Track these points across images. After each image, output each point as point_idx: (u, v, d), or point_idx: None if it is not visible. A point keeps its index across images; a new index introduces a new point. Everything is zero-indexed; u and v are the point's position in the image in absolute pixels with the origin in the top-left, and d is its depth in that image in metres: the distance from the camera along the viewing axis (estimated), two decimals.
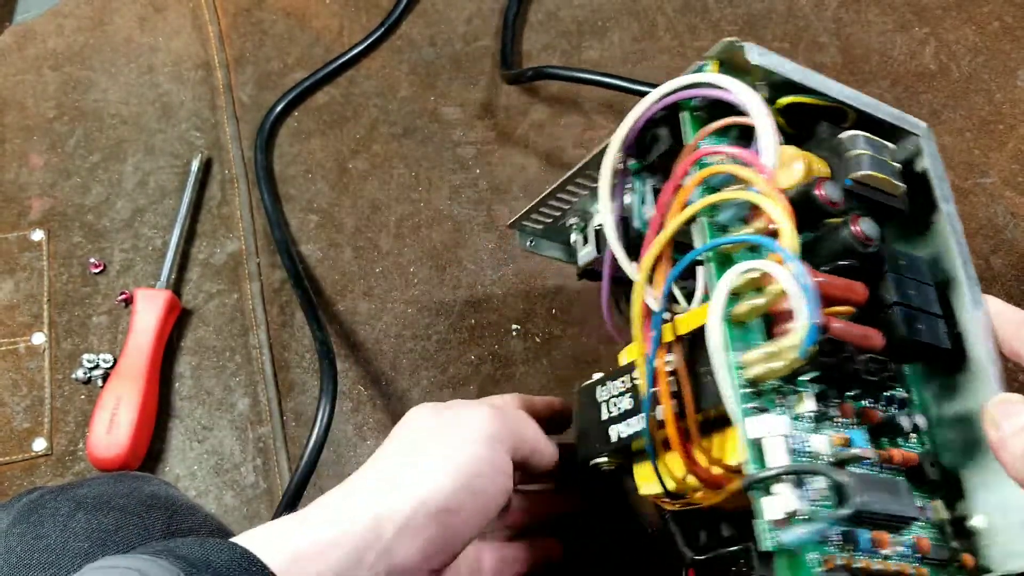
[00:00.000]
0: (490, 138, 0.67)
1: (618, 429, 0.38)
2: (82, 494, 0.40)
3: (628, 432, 0.38)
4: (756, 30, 0.70)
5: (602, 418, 0.39)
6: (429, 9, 0.73)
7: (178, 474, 0.57)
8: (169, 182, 0.66)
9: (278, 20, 0.73)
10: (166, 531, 0.38)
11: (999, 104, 0.66)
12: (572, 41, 0.71)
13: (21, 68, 0.72)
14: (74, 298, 0.62)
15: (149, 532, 0.38)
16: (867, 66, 0.68)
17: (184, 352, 0.60)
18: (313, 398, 0.58)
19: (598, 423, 0.40)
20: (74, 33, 0.73)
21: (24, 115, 0.69)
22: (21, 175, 0.67)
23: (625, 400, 0.39)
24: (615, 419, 0.39)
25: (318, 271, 0.63)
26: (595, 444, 0.40)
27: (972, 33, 0.69)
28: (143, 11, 0.74)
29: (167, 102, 0.70)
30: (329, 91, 0.70)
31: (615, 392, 0.39)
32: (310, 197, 0.65)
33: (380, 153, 0.67)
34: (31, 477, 0.57)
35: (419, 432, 0.37)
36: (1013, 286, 0.59)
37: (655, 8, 0.72)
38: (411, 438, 0.37)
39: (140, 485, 0.42)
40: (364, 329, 0.60)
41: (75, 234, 0.64)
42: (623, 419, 0.38)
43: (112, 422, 0.55)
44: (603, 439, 0.39)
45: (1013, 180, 0.64)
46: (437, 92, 0.69)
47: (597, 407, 0.40)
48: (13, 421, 0.58)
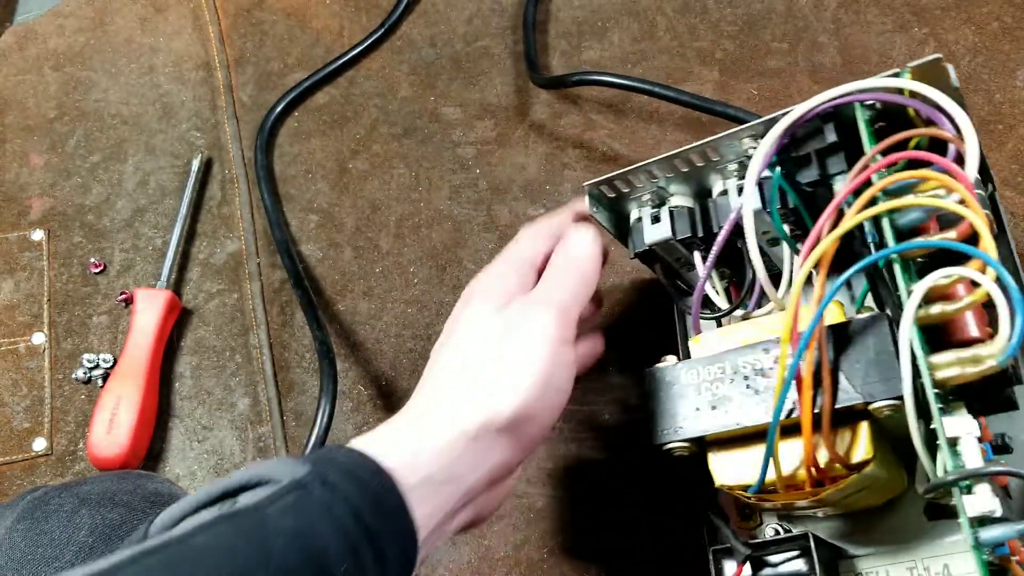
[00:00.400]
0: (490, 138, 0.67)
1: (717, 414, 0.39)
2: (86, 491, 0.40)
3: (733, 421, 0.38)
4: (756, 30, 0.70)
5: (692, 401, 0.40)
6: (429, 9, 0.74)
7: (178, 473, 0.57)
8: (169, 182, 0.66)
9: (278, 20, 0.73)
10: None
11: (998, 104, 0.66)
12: (572, 41, 0.71)
13: (22, 68, 0.72)
14: (74, 298, 0.62)
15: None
16: (866, 66, 0.68)
17: (184, 352, 0.60)
18: (313, 398, 0.58)
19: (683, 407, 0.40)
20: (75, 33, 0.73)
21: (25, 115, 0.69)
22: (21, 175, 0.67)
23: (724, 387, 0.39)
24: (711, 404, 0.39)
25: (318, 271, 0.63)
26: (678, 427, 0.40)
27: (971, 33, 0.69)
28: (144, 11, 0.74)
29: (168, 102, 0.70)
30: (329, 91, 0.70)
31: (711, 377, 0.40)
32: (310, 197, 0.65)
33: (380, 153, 0.67)
34: (31, 477, 0.57)
35: (491, 336, 0.39)
36: None
37: (655, 8, 0.72)
38: (481, 342, 0.39)
39: (143, 483, 0.42)
40: (364, 329, 0.60)
41: (75, 234, 0.64)
42: (725, 405, 0.39)
43: (112, 422, 0.55)
44: (692, 423, 0.39)
45: (1012, 180, 0.64)
46: (437, 92, 0.69)
47: (684, 390, 0.40)
48: (13, 421, 0.58)
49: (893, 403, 0.35)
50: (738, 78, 0.68)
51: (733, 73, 0.68)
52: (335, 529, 0.31)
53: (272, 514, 0.31)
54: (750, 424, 0.38)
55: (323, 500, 0.31)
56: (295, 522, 0.31)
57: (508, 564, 0.53)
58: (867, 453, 0.36)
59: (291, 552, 0.30)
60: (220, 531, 0.30)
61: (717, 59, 0.69)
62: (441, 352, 0.40)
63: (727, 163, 0.45)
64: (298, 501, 0.31)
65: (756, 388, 0.39)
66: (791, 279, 0.42)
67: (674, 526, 0.52)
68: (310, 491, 0.31)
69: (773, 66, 0.69)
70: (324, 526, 0.31)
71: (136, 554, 0.28)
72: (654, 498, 0.53)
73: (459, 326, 0.40)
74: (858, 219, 0.36)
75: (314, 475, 0.32)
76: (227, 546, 0.29)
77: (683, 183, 0.47)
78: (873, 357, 0.36)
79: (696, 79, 0.68)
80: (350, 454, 0.34)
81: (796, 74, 0.68)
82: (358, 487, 0.32)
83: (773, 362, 0.38)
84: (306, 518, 0.31)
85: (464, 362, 0.38)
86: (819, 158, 0.41)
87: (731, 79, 0.68)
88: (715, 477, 0.40)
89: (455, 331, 0.40)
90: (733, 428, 0.39)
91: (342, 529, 0.31)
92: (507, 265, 0.43)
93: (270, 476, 0.32)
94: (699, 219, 0.47)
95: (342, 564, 0.31)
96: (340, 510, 0.31)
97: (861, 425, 0.37)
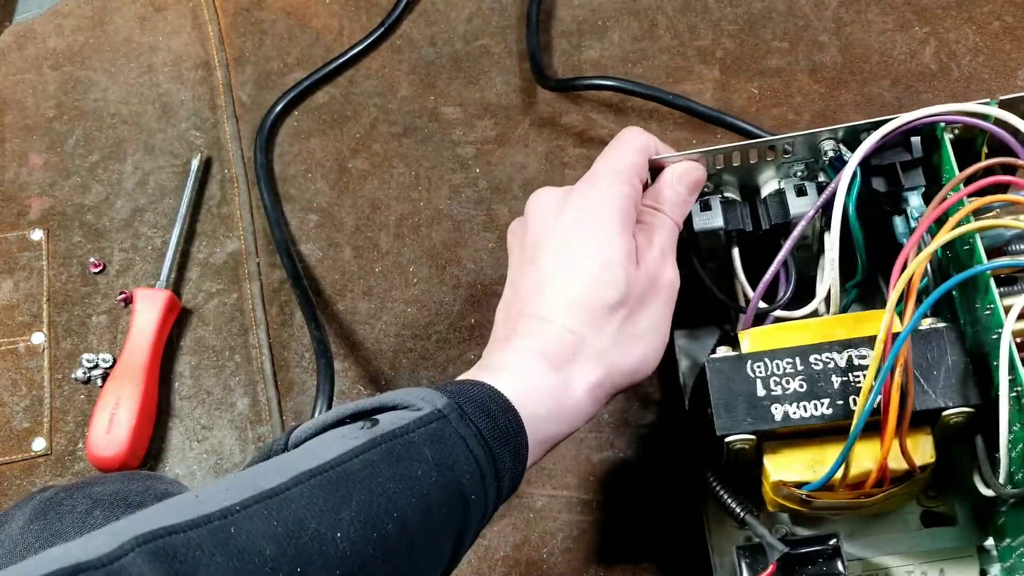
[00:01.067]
0: (490, 138, 0.67)
1: (787, 409, 0.39)
2: (98, 492, 0.40)
3: (808, 415, 0.39)
4: (756, 30, 0.70)
5: (758, 394, 0.40)
6: (429, 9, 0.73)
7: (178, 473, 0.57)
8: (169, 182, 0.66)
9: (278, 20, 0.73)
10: None
11: None
12: (572, 41, 0.71)
13: (21, 68, 0.72)
14: (74, 298, 0.62)
15: None
16: (867, 66, 0.68)
17: (184, 352, 0.60)
18: (312, 398, 0.58)
19: (751, 399, 0.40)
20: (74, 33, 0.73)
21: (24, 115, 0.69)
22: (21, 175, 0.67)
23: (796, 382, 0.39)
24: (780, 398, 0.39)
25: (318, 271, 0.63)
26: (745, 420, 0.39)
27: (972, 33, 0.69)
28: (143, 11, 0.74)
29: (167, 102, 0.70)
30: (329, 91, 0.70)
31: (780, 372, 0.40)
32: (310, 197, 0.65)
33: (380, 153, 0.67)
34: (31, 477, 0.57)
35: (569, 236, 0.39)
36: None
37: (655, 8, 0.72)
38: (562, 244, 0.39)
39: (154, 484, 0.42)
40: (364, 329, 0.60)
41: (75, 234, 0.64)
42: (795, 400, 0.39)
43: (112, 422, 0.55)
44: (759, 416, 0.39)
45: None
46: (437, 92, 0.69)
47: (749, 383, 0.40)
48: (12, 421, 0.58)
49: (966, 411, 0.38)
50: (738, 77, 0.68)
51: (733, 72, 0.68)
52: (470, 461, 0.33)
53: (417, 441, 0.32)
54: (826, 421, 0.39)
55: (461, 432, 0.33)
56: (437, 452, 0.32)
57: (508, 564, 0.53)
58: (931, 457, 0.38)
59: (433, 481, 0.31)
60: (372, 458, 0.31)
61: (718, 58, 0.69)
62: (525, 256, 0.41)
63: (794, 162, 0.46)
64: (439, 431, 0.33)
65: (829, 386, 0.39)
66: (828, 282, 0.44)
67: (674, 526, 0.52)
68: (449, 421, 0.33)
69: (774, 65, 0.68)
70: (461, 458, 0.33)
71: (299, 475, 0.29)
72: (654, 498, 0.53)
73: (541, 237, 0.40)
74: (955, 234, 0.38)
75: (452, 407, 0.33)
76: (379, 472, 0.31)
77: (732, 176, 0.47)
78: (949, 366, 0.38)
79: (696, 78, 0.68)
80: (483, 388, 0.35)
81: (797, 73, 0.68)
82: (490, 421, 0.34)
83: (845, 362, 0.39)
84: (447, 449, 0.32)
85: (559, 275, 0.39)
86: (900, 170, 0.43)
87: (731, 78, 0.68)
88: (770, 473, 0.40)
89: (536, 241, 0.40)
90: (807, 423, 0.39)
91: (477, 462, 0.33)
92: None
93: (410, 402, 0.34)
94: (747, 214, 0.47)
95: (472, 494, 0.33)
96: (474, 443, 0.33)
97: (925, 430, 0.39)
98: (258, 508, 0.28)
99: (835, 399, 0.39)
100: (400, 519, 0.30)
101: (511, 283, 0.41)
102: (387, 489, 0.30)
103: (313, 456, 0.31)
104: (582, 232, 0.39)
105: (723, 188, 0.47)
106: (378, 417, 0.33)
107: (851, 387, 0.39)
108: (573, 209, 0.40)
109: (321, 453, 0.31)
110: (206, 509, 0.27)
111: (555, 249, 0.39)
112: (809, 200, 0.45)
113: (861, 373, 0.39)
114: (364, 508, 0.30)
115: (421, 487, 0.31)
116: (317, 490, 0.29)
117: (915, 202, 0.43)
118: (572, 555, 0.53)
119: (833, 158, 0.44)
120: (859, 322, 0.41)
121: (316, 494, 0.29)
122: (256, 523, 0.27)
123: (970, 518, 0.46)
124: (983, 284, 0.39)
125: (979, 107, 0.41)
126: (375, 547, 0.29)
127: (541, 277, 0.39)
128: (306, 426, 0.35)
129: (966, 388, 0.38)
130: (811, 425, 0.39)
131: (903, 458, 0.38)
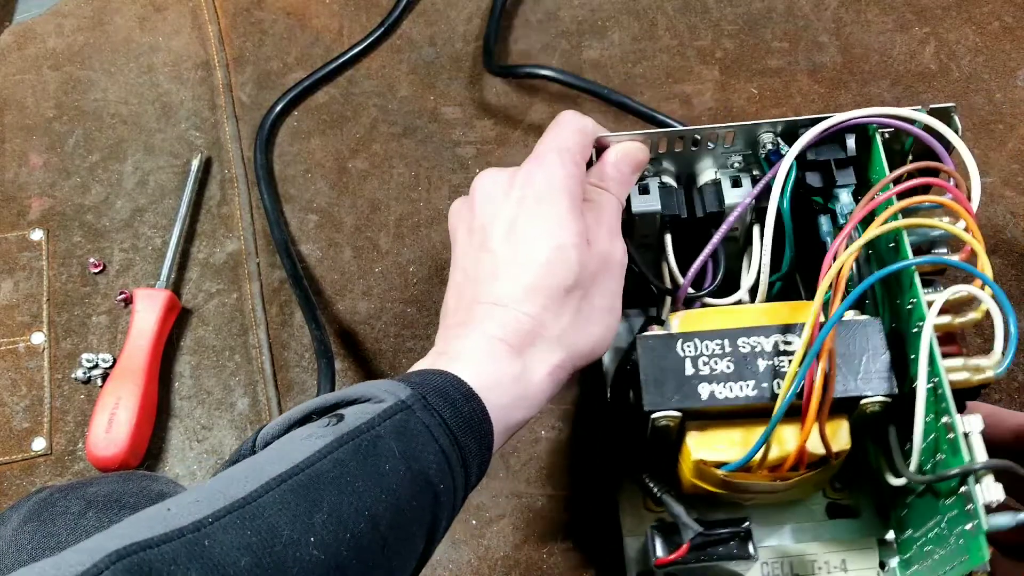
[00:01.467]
0: (490, 138, 0.67)
1: (713, 389, 0.40)
2: (92, 492, 0.40)
3: (733, 395, 0.40)
4: (756, 30, 0.70)
5: (687, 373, 0.40)
6: (429, 9, 0.73)
7: (178, 473, 0.57)
8: (169, 182, 0.66)
9: (278, 20, 0.73)
10: None
11: (999, 104, 0.66)
12: (572, 41, 0.71)
13: (21, 68, 0.72)
14: (73, 298, 0.62)
15: None
16: (867, 66, 0.68)
17: (184, 352, 0.60)
18: (312, 398, 0.58)
19: (679, 377, 0.40)
20: (74, 33, 0.73)
21: (24, 115, 0.69)
22: (20, 175, 0.67)
23: (724, 363, 0.40)
24: (707, 378, 0.40)
25: (317, 271, 0.63)
26: (672, 397, 0.40)
27: (972, 33, 0.69)
28: (143, 11, 0.74)
29: (167, 102, 0.70)
30: (329, 91, 0.70)
31: (708, 352, 0.41)
32: (310, 197, 0.65)
33: (380, 153, 0.67)
34: (30, 477, 0.57)
35: (520, 219, 0.39)
36: (1013, 285, 0.59)
37: (655, 7, 0.72)
38: (513, 227, 0.39)
39: (149, 484, 0.42)
40: (364, 329, 0.60)
41: (75, 234, 0.64)
42: (722, 381, 0.40)
43: (111, 422, 0.55)
44: (687, 394, 0.40)
45: (1013, 180, 0.64)
46: (437, 92, 0.69)
47: (678, 361, 0.41)
48: (12, 421, 0.58)
49: (884, 399, 0.39)
50: (738, 77, 0.68)
51: (733, 72, 0.68)
52: (436, 451, 0.33)
53: (383, 435, 0.32)
54: (751, 402, 0.40)
55: (425, 422, 0.33)
56: (404, 445, 0.32)
57: (508, 564, 0.53)
58: (847, 444, 0.40)
59: (401, 475, 0.32)
60: (340, 457, 0.31)
61: (717, 58, 0.69)
62: (472, 238, 0.40)
63: (732, 152, 0.47)
64: (403, 422, 0.33)
65: (755, 369, 0.40)
66: (759, 271, 0.46)
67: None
68: (414, 411, 0.33)
69: (773, 65, 0.68)
70: (427, 448, 0.33)
71: (270, 481, 0.29)
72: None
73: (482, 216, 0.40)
74: (882, 230, 0.40)
75: (416, 397, 0.33)
76: (348, 471, 0.31)
77: (671, 163, 0.48)
78: (871, 356, 0.40)
79: (696, 78, 0.68)
80: (445, 377, 0.35)
81: (796, 73, 0.68)
82: (454, 410, 0.34)
83: (772, 347, 0.41)
84: (412, 440, 0.32)
85: (512, 259, 0.38)
86: (834, 167, 0.45)
87: (731, 78, 0.68)
88: (692, 452, 0.41)
89: (478, 222, 0.40)
90: (732, 404, 0.40)
91: (443, 451, 0.33)
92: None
93: (374, 394, 0.34)
94: (683, 201, 0.48)
95: (440, 483, 0.33)
96: (439, 432, 0.33)
97: (843, 418, 0.41)
98: (231, 519, 0.28)
99: (760, 382, 0.40)
100: (372, 517, 0.30)
101: (460, 268, 0.41)
102: (357, 488, 0.30)
103: (282, 459, 0.31)
104: (533, 214, 0.39)
105: (661, 174, 0.48)
106: (343, 412, 0.33)
107: (776, 371, 0.40)
108: (520, 190, 0.40)
109: (290, 455, 0.31)
110: (179, 522, 0.27)
111: (506, 232, 0.39)
112: (744, 192, 0.47)
113: (787, 358, 0.40)
114: (336, 510, 0.30)
115: (390, 483, 0.31)
116: (288, 495, 0.29)
117: (845, 199, 0.45)
118: (572, 555, 0.53)
119: (770, 151, 0.46)
120: (783, 310, 0.42)
121: (288, 499, 0.29)
122: (230, 534, 0.27)
123: (872, 512, 0.48)
124: (907, 279, 0.40)
125: (910, 112, 0.43)
126: (348, 548, 0.29)
127: (495, 261, 0.39)
128: (272, 425, 0.34)
129: (885, 378, 0.39)
130: (736, 406, 0.40)
131: (821, 443, 0.39)
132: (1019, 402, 0.56)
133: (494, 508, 0.54)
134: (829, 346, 0.38)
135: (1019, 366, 0.57)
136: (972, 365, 0.38)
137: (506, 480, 0.55)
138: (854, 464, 0.44)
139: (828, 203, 0.46)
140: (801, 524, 0.48)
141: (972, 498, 0.35)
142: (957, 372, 0.38)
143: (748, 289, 0.47)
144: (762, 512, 0.48)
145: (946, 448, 0.37)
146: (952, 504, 0.37)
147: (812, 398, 0.38)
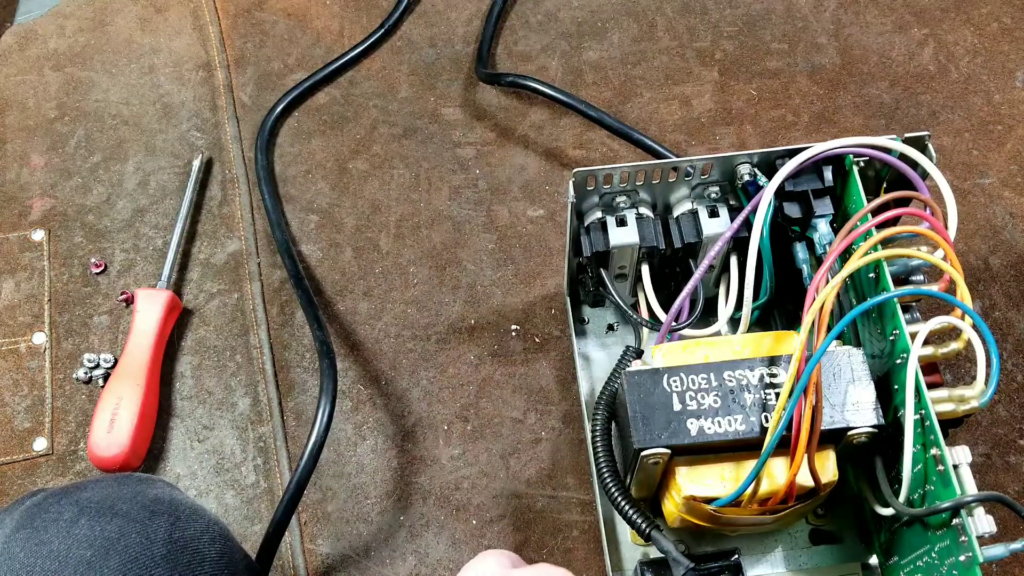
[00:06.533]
0: (490, 138, 0.67)
1: (702, 424, 0.39)
2: (85, 498, 0.40)
3: (722, 430, 0.39)
4: (755, 31, 0.70)
5: (675, 408, 0.40)
6: (429, 10, 0.74)
7: (179, 473, 0.57)
8: (170, 182, 0.66)
9: (279, 21, 0.73)
10: (168, 539, 0.38)
11: (998, 105, 0.66)
12: (572, 42, 0.71)
13: (22, 68, 0.72)
14: (75, 298, 0.62)
15: (151, 540, 0.38)
16: (866, 67, 0.68)
17: (185, 352, 0.60)
18: (313, 398, 0.58)
19: (668, 412, 0.40)
20: (75, 34, 0.73)
21: (25, 115, 0.69)
22: (22, 175, 0.67)
23: (711, 397, 0.40)
24: (695, 413, 0.40)
25: (318, 271, 0.63)
26: (662, 433, 0.40)
27: (971, 34, 0.69)
28: (144, 12, 0.74)
29: (168, 102, 0.70)
30: (329, 92, 0.70)
31: (695, 387, 0.40)
32: (310, 197, 0.66)
33: (380, 153, 0.67)
34: (32, 477, 0.57)
35: None
36: (1012, 286, 0.60)
37: (654, 9, 0.72)
38: None
39: (143, 488, 0.42)
40: (364, 329, 0.61)
41: (76, 234, 0.65)
42: (710, 416, 0.40)
43: (113, 422, 0.55)
44: (675, 431, 0.40)
45: (1011, 181, 0.64)
46: (437, 93, 0.70)
47: (666, 396, 0.40)
48: (14, 421, 0.58)
49: (871, 430, 0.39)
50: (737, 78, 0.68)
51: (732, 73, 0.69)
52: None
53: None
54: (739, 437, 0.39)
55: None
56: None
57: None
58: (834, 475, 0.40)
59: None
60: None
61: (716, 59, 0.69)
62: None
63: (708, 184, 0.47)
64: None
65: (742, 403, 0.40)
66: (738, 300, 0.46)
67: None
68: None
69: (772, 67, 0.69)
70: None
71: None
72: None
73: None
74: (863, 262, 0.40)
75: None
76: None
77: (647, 193, 0.48)
78: (856, 387, 0.40)
79: (695, 79, 0.68)
80: None
81: (795, 75, 0.68)
82: None
83: (758, 380, 0.40)
84: None
85: None
86: (812, 197, 0.45)
87: (730, 79, 0.68)
88: (683, 487, 0.41)
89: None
90: (721, 439, 0.39)
91: None
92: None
93: None
94: (660, 231, 0.48)
95: None
96: None
97: (829, 449, 0.40)
98: None
99: (748, 416, 0.40)
100: None
101: None
102: None
103: None
104: None
105: (638, 204, 0.48)
106: None
107: (763, 405, 0.40)
108: None
109: None
110: None
111: None
112: (722, 222, 0.47)
113: (773, 391, 0.40)
114: None
115: None
116: None
117: (823, 228, 0.45)
118: (572, 555, 0.53)
119: (747, 182, 0.45)
120: (766, 341, 0.42)
121: None
122: None
123: (855, 537, 0.48)
124: (890, 311, 0.41)
125: (886, 141, 0.43)
126: None
127: None
128: None
129: (872, 409, 0.39)
130: (724, 441, 0.39)
131: (810, 475, 0.39)
132: (1019, 402, 0.56)
133: (494, 508, 0.54)
134: (816, 380, 0.38)
135: (1018, 367, 0.57)
136: (957, 396, 0.39)
137: (506, 480, 0.55)
138: (835, 489, 0.44)
139: (806, 232, 0.45)
140: (785, 552, 0.48)
141: (966, 531, 0.35)
142: (943, 403, 0.39)
143: (727, 320, 0.47)
144: (746, 540, 0.48)
145: (935, 479, 0.37)
146: (943, 535, 0.37)
147: (801, 433, 0.38)
